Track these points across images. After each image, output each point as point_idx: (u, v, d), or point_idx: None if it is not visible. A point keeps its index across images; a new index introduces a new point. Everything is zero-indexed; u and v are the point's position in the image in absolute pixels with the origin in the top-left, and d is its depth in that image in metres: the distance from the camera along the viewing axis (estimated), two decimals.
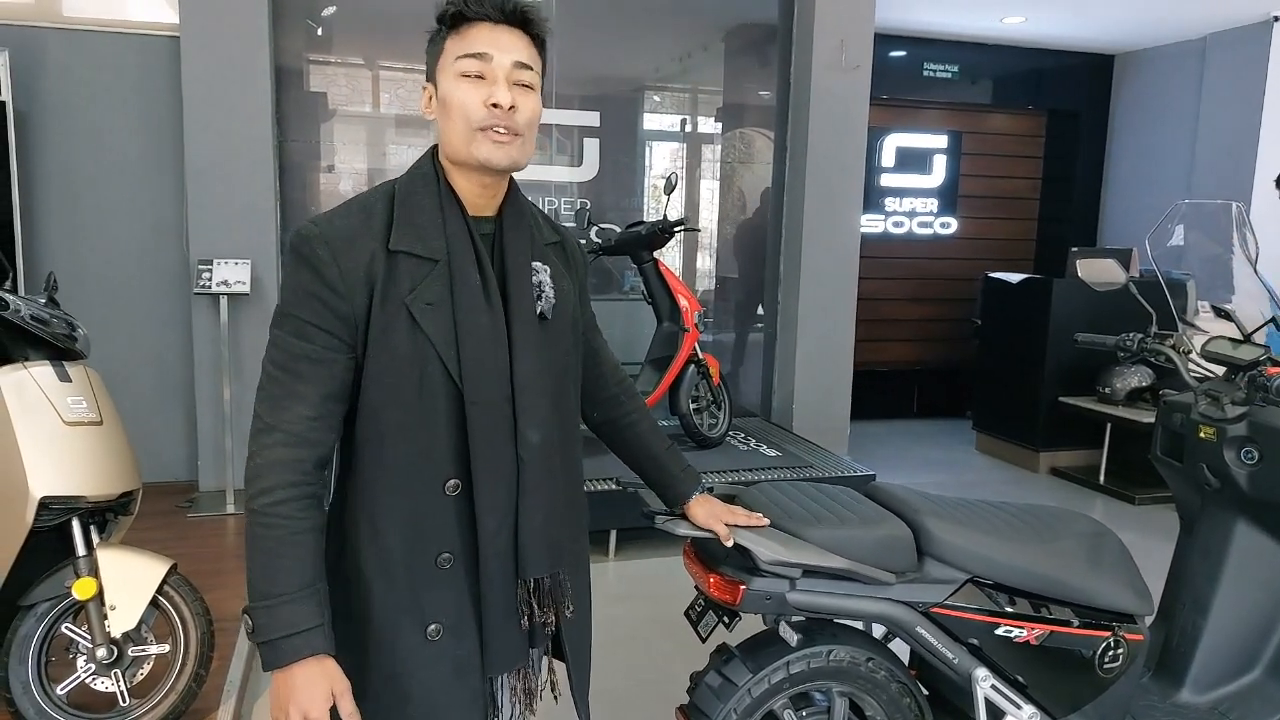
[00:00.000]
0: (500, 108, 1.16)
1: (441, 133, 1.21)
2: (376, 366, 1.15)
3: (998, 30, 6.17)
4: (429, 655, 1.19)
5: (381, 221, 1.17)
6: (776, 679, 1.70)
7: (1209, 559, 2.13)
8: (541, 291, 1.24)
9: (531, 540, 1.21)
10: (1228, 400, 2.07)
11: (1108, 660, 1.85)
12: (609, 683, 2.79)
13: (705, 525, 1.56)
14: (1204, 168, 6.09)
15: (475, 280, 1.18)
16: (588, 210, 4.77)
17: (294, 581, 1.10)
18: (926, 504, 1.82)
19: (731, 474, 3.96)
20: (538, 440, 1.21)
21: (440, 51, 1.20)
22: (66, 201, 4.22)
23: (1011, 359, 5.60)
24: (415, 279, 1.15)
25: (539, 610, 1.25)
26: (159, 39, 4.19)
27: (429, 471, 1.17)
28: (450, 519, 1.18)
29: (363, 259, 1.14)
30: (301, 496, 1.12)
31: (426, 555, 1.18)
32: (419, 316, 1.14)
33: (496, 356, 1.18)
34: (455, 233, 1.19)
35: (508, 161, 1.19)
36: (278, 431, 1.12)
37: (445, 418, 1.16)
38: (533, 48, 1.21)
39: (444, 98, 1.18)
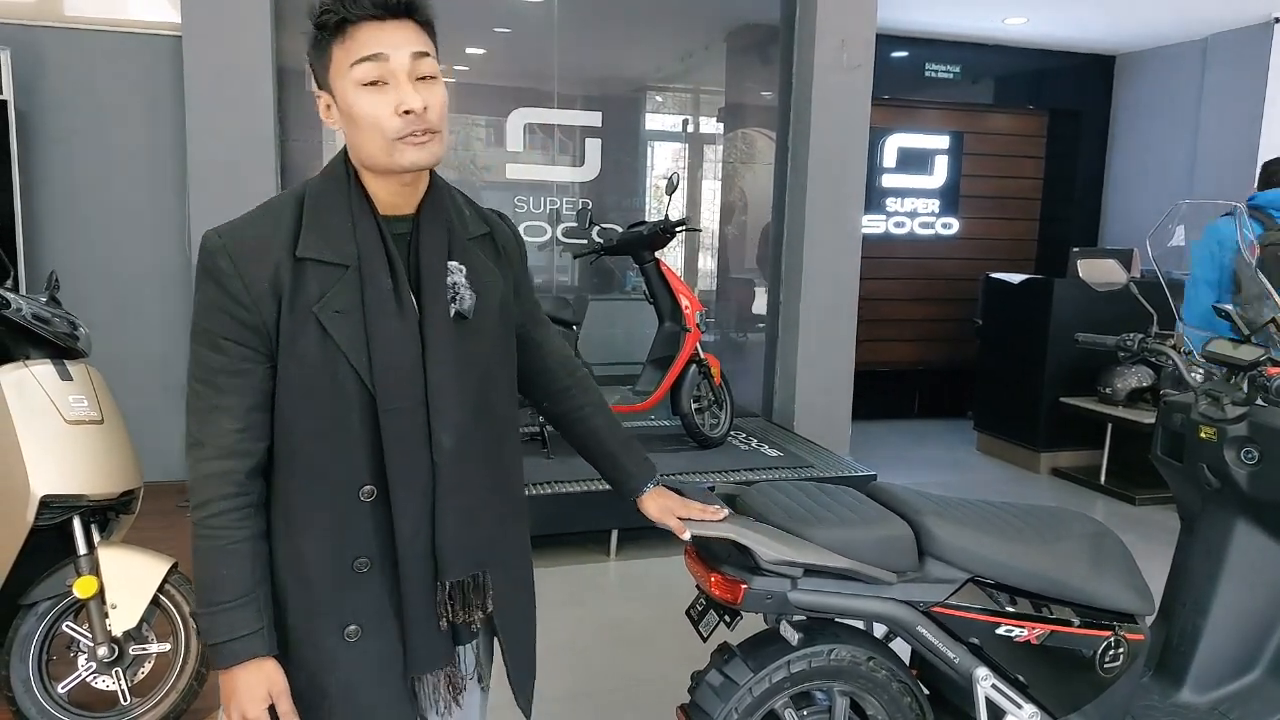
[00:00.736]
0: (414, 112, 1.11)
1: (352, 144, 1.17)
2: (287, 375, 1.14)
3: (999, 31, 6.17)
4: (348, 656, 1.20)
5: (289, 228, 1.15)
6: (778, 678, 1.70)
7: (1209, 559, 2.13)
8: (457, 294, 1.20)
9: (448, 543, 1.21)
10: (1228, 400, 2.07)
11: (1108, 660, 1.85)
12: (610, 682, 2.80)
13: (658, 520, 1.55)
14: (1205, 168, 6.08)
15: (386, 284, 1.16)
16: (589, 210, 4.77)
17: (232, 590, 1.13)
18: (928, 504, 1.82)
19: (733, 474, 3.96)
20: (451, 444, 1.19)
21: (328, 59, 1.14)
22: (68, 201, 4.22)
23: (1013, 359, 5.60)
24: (324, 286, 1.13)
25: (460, 612, 1.24)
26: (161, 38, 4.20)
27: (344, 478, 1.17)
28: (367, 525, 1.18)
29: (267, 269, 1.12)
30: (237, 508, 1.14)
31: (343, 560, 1.18)
32: (328, 324, 1.13)
33: (408, 362, 1.17)
34: (366, 236, 1.16)
35: (433, 160, 1.16)
36: (207, 446, 1.13)
37: (359, 424, 1.16)
38: (423, 33, 1.16)
39: (348, 110, 1.13)
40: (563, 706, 2.65)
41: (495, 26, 4.83)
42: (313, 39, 1.16)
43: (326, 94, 1.17)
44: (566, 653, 2.98)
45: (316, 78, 1.18)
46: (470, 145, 4.92)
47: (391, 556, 1.19)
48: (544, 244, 4.94)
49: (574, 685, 2.77)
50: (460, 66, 4.90)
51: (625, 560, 3.80)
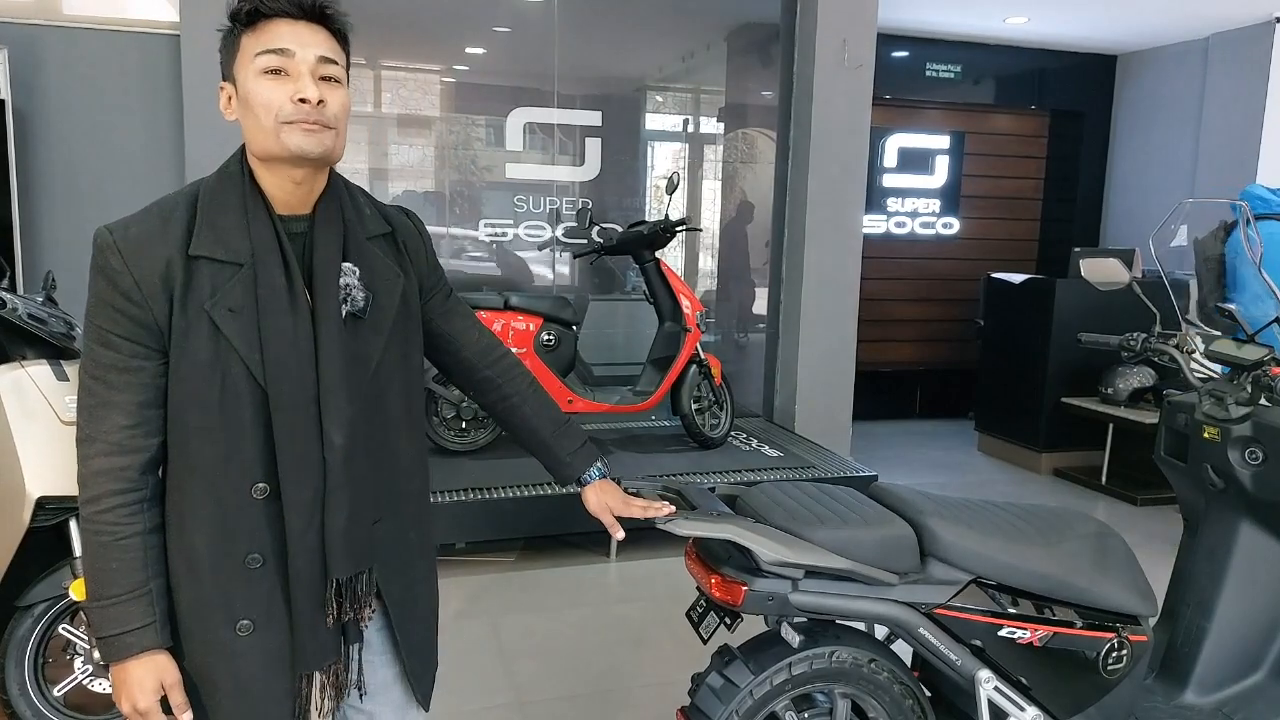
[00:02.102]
0: (308, 102, 1.14)
1: (247, 132, 1.18)
2: (179, 371, 1.15)
3: (1000, 30, 6.16)
4: (238, 649, 1.21)
5: (181, 226, 1.15)
6: (778, 680, 1.69)
7: (1213, 560, 2.12)
8: (348, 294, 1.21)
9: (336, 540, 1.21)
10: (1232, 400, 2.06)
11: (1111, 662, 1.84)
12: (605, 684, 2.78)
13: (594, 514, 1.53)
14: (1207, 168, 6.07)
15: (280, 283, 1.17)
16: (589, 210, 4.76)
17: (122, 584, 1.15)
18: (929, 504, 1.81)
19: (734, 474, 3.94)
20: (342, 441, 1.20)
21: (236, 49, 1.17)
22: (66, 200, 4.21)
23: (1014, 359, 5.59)
24: (217, 283, 1.14)
25: (347, 608, 1.25)
26: (159, 37, 4.19)
27: (235, 475, 1.17)
28: (260, 521, 1.19)
29: (158, 265, 1.13)
30: (127, 504, 1.15)
31: (235, 555, 1.19)
32: (220, 322, 1.13)
33: (300, 360, 1.17)
34: (260, 234, 1.17)
35: (321, 150, 1.16)
36: (98, 442, 1.14)
37: (251, 422, 1.16)
38: (334, 42, 1.19)
39: (245, 96, 1.16)
40: (563, 708, 2.64)
41: (495, 26, 4.82)
42: (224, 31, 1.19)
43: (230, 85, 1.19)
44: (567, 654, 2.97)
45: (223, 69, 1.20)
46: (470, 145, 4.91)
47: (283, 553, 1.20)
48: (544, 244, 4.93)
49: (575, 686, 2.76)
50: (460, 66, 4.89)
51: (626, 561, 3.79)
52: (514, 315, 3.97)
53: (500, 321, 3.93)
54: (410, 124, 4.79)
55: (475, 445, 4.07)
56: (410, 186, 4.89)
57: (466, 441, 4.05)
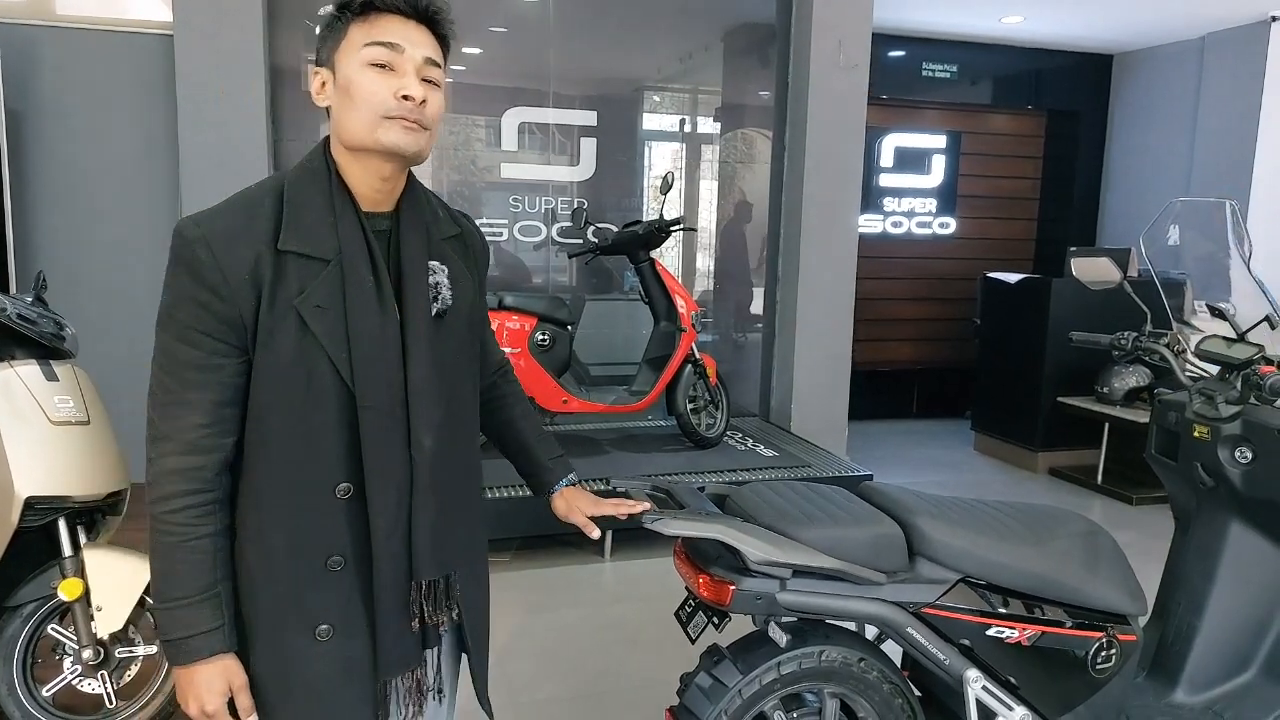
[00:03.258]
0: (412, 100, 1.13)
1: (339, 121, 1.16)
2: (263, 369, 1.12)
3: (996, 30, 6.16)
4: (316, 655, 1.19)
5: (268, 220, 1.13)
6: (767, 680, 1.69)
7: (1204, 558, 2.12)
8: (438, 293, 1.21)
9: (424, 543, 1.20)
10: (1222, 399, 2.05)
11: (1100, 661, 1.83)
12: (599, 684, 2.78)
13: (564, 518, 1.51)
14: (1203, 167, 6.07)
15: (368, 281, 1.15)
16: (585, 210, 4.76)
17: (192, 586, 1.12)
18: (918, 503, 1.81)
19: (729, 474, 3.94)
20: (430, 444, 1.19)
21: (342, 36, 1.16)
22: (59, 200, 4.21)
23: (1010, 359, 5.58)
24: (304, 280, 1.12)
25: (431, 611, 1.24)
26: (153, 37, 4.19)
27: (318, 475, 1.15)
28: (341, 522, 1.17)
29: (248, 260, 1.10)
30: (199, 504, 1.13)
31: (315, 558, 1.17)
32: (308, 319, 1.11)
33: (389, 360, 1.16)
34: (348, 231, 1.15)
35: (415, 149, 1.16)
36: (172, 440, 1.11)
37: (335, 421, 1.14)
38: (438, 46, 1.19)
39: (347, 84, 1.14)
40: (556, 708, 2.63)
41: (491, 26, 4.81)
42: (330, 16, 1.16)
43: (326, 70, 1.17)
44: (560, 654, 2.96)
45: (319, 53, 1.18)
46: (467, 144, 4.90)
47: (365, 555, 1.18)
48: (539, 244, 4.93)
49: (568, 687, 2.76)
50: (456, 66, 4.89)
51: (620, 561, 3.78)
52: (509, 315, 3.97)
53: (495, 321, 3.92)
54: None
55: None
56: None
57: None
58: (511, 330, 3.95)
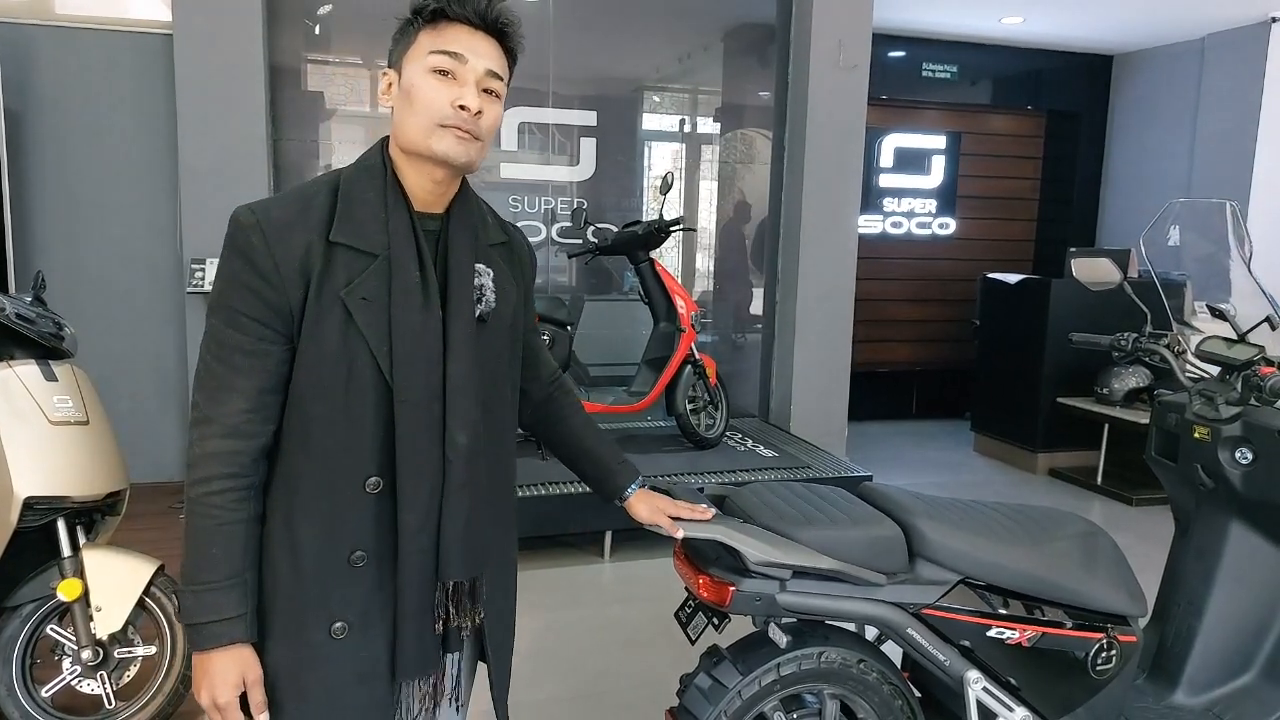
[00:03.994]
0: (468, 110, 1.15)
1: (398, 123, 1.19)
2: (306, 357, 1.13)
3: (996, 30, 6.16)
4: (332, 653, 1.18)
5: (322, 212, 1.15)
6: (767, 681, 1.69)
7: (1203, 560, 2.11)
8: (482, 295, 1.23)
9: (453, 542, 1.20)
10: (1222, 400, 2.05)
11: (1101, 662, 1.83)
12: (598, 685, 2.78)
13: (650, 521, 1.55)
14: (1202, 168, 6.07)
15: (415, 278, 1.16)
16: (584, 210, 4.76)
17: (221, 570, 1.12)
18: (918, 504, 1.81)
19: (728, 474, 3.94)
20: (465, 442, 1.19)
21: (412, 42, 1.19)
22: (59, 200, 4.21)
23: (1010, 360, 5.58)
24: (352, 272, 1.13)
25: (455, 614, 1.23)
26: (152, 36, 4.18)
27: (351, 467, 1.15)
28: (368, 517, 1.17)
29: (299, 249, 1.12)
30: (237, 489, 1.13)
31: (339, 551, 1.16)
32: (354, 310, 1.13)
33: (430, 356, 1.17)
34: (398, 228, 1.17)
35: (466, 159, 1.18)
36: (215, 424, 1.12)
37: (373, 414, 1.15)
38: (504, 59, 1.21)
39: (409, 87, 1.17)
40: (555, 708, 2.63)
41: None
42: (403, 21, 1.20)
43: (394, 73, 1.20)
44: (560, 655, 2.96)
45: (390, 55, 1.22)
46: None
47: (389, 553, 1.18)
48: (539, 244, 4.93)
49: (567, 687, 2.76)
50: None
51: (620, 562, 3.78)
52: None
53: None
54: None
55: None
56: None
57: None
58: None
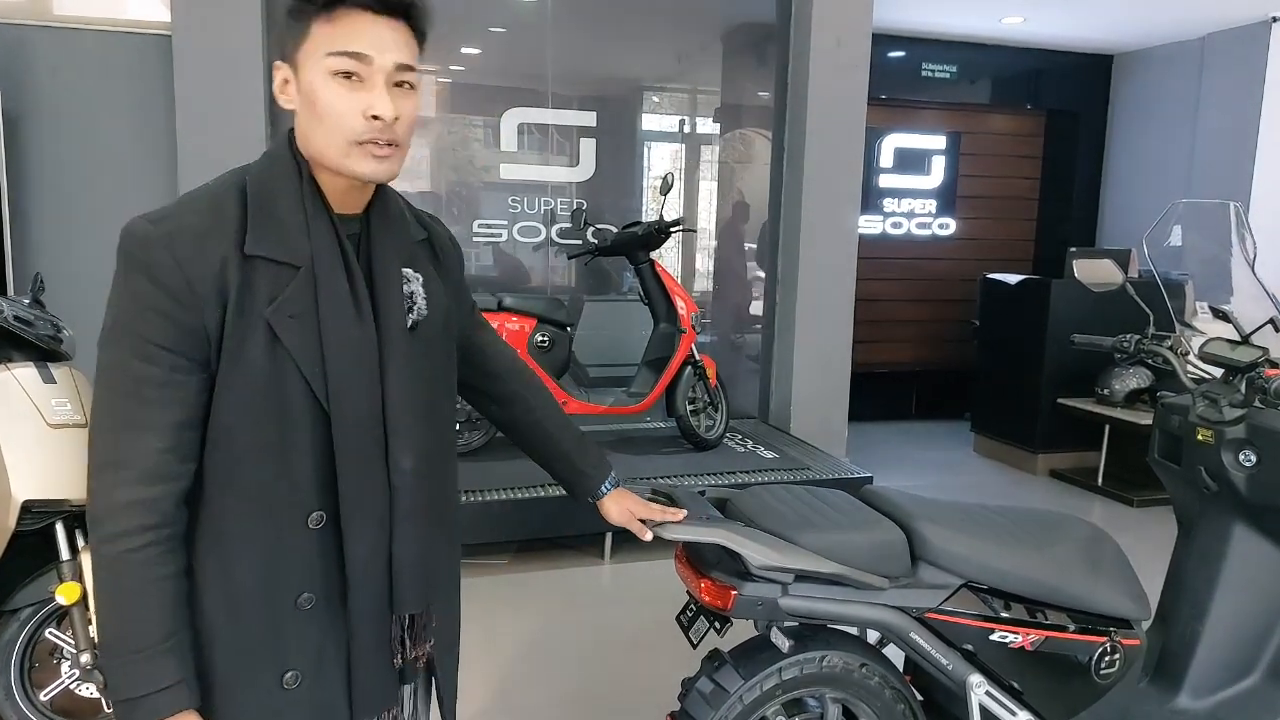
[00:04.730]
0: (383, 120, 1.03)
1: (305, 131, 1.07)
2: (229, 385, 1.01)
3: (996, 30, 6.15)
4: (285, 705, 1.08)
5: (234, 220, 1.02)
6: (769, 685, 1.68)
7: (1207, 563, 2.11)
8: (413, 303, 1.13)
9: (406, 573, 1.11)
10: (1226, 402, 2.04)
11: (1104, 666, 1.82)
12: (598, 687, 2.77)
13: (619, 522, 1.49)
14: (1203, 168, 6.07)
15: (344, 289, 1.06)
16: (584, 211, 4.75)
17: (153, 634, 0.99)
18: (921, 508, 1.80)
19: (728, 476, 3.93)
20: (411, 465, 1.10)
21: (304, 34, 1.04)
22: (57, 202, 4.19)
23: (1010, 360, 5.58)
24: (275, 287, 1.02)
25: (412, 646, 1.16)
26: (150, 37, 4.17)
27: (289, 503, 1.05)
28: (313, 555, 1.07)
29: (213, 264, 0.99)
30: (160, 540, 0.99)
31: (285, 595, 1.06)
32: (280, 330, 1.01)
33: (367, 374, 1.07)
34: (321, 235, 1.06)
35: (389, 176, 1.08)
36: (127, 468, 0.98)
37: (308, 442, 1.04)
38: (414, 41, 1.08)
39: (310, 94, 1.04)
40: (553, 711, 2.62)
41: (490, 26, 4.80)
42: (292, 6, 1.05)
43: (287, 68, 1.07)
44: (559, 657, 2.95)
45: (283, 47, 1.08)
46: (465, 145, 4.89)
47: (339, 590, 1.09)
48: (538, 245, 4.92)
49: (566, 690, 2.75)
50: (455, 66, 4.88)
51: (619, 564, 3.77)
52: (508, 316, 3.96)
53: (494, 323, 3.91)
54: None
55: (469, 447, 4.06)
56: (405, 187, 4.87)
57: (460, 444, 4.04)
58: (511, 331, 3.94)
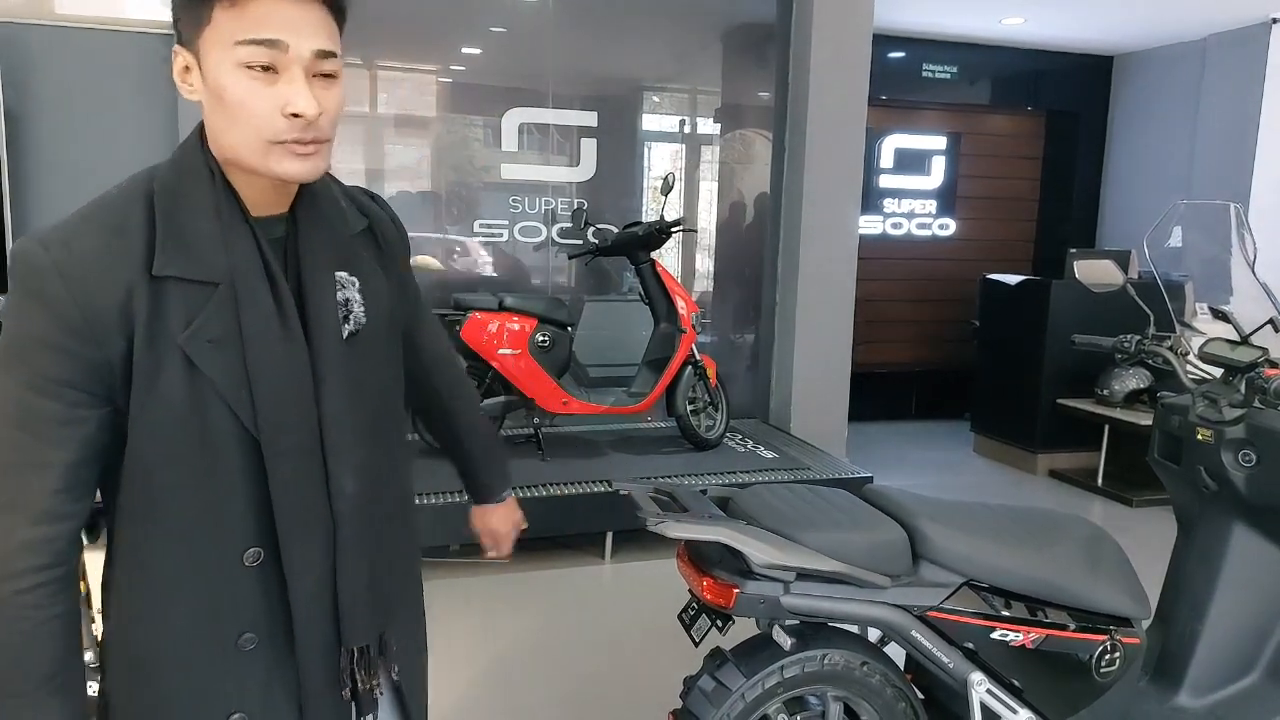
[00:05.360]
0: (304, 117, 0.92)
1: (214, 129, 0.95)
2: (143, 419, 0.93)
3: (996, 31, 6.16)
4: None
5: (139, 237, 0.92)
6: (770, 683, 1.69)
7: (1207, 562, 2.11)
8: (349, 311, 1.03)
9: (354, 604, 1.03)
10: (1225, 402, 2.05)
11: (1104, 664, 1.83)
12: (601, 686, 2.78)
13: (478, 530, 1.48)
14: (1203, 169, 6.08)
15: (268, 304, 0.96)
16: (585, 211, 4.75)
17: (38, 675, 0.92)
18: (922, 506, 1.81)
19: (729, 475, 3.94)
20: (354, 488, 1.02)
21: (205, 18, 0.91)
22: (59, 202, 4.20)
23: (1010, 360, 5.59)
24: (190, 310, 0.92)
25: (365, 679, 1.07)
26: (153, 36, 4.17)
27: (221, 541, 0.97)
28: (253, 592, 0.99)
29: (116, 293, 0.90)
30: (53, 579, 0.92)
31: (224, 638, 0.99)
32: (197, 358, 0.92)
33: (299, 395, 0.98)
34: (238, 246, 0.95)
35: (315, 175, 0.97)
36: (19, 510, 0.91)
37: (238, 474, 0.96)
38: (333, 23, 0.96)
39: (218, 88, 0.92)
40: (555, 711, 2.63)
41: (491, 26, 4.81)
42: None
43: (188, 54, 0.94)
44: (557, 657, 2.96)
45: (179, 31, 0.94)
46: (466, 145, 4.90)
47: (283, 627, 1.01)
48: (539, 244, 4.93)
49: (563, 690, 2.75)
50: (456, 66, 4.88)
51: (620, 563, 3.78)
52: (509, 316, 3.96)
53: (495, 323, 3.92)
54: (405, 124, 4.78)
55: None
56: (405, 187, 4.87)
57: None
58: (512, 331, 3.94)
